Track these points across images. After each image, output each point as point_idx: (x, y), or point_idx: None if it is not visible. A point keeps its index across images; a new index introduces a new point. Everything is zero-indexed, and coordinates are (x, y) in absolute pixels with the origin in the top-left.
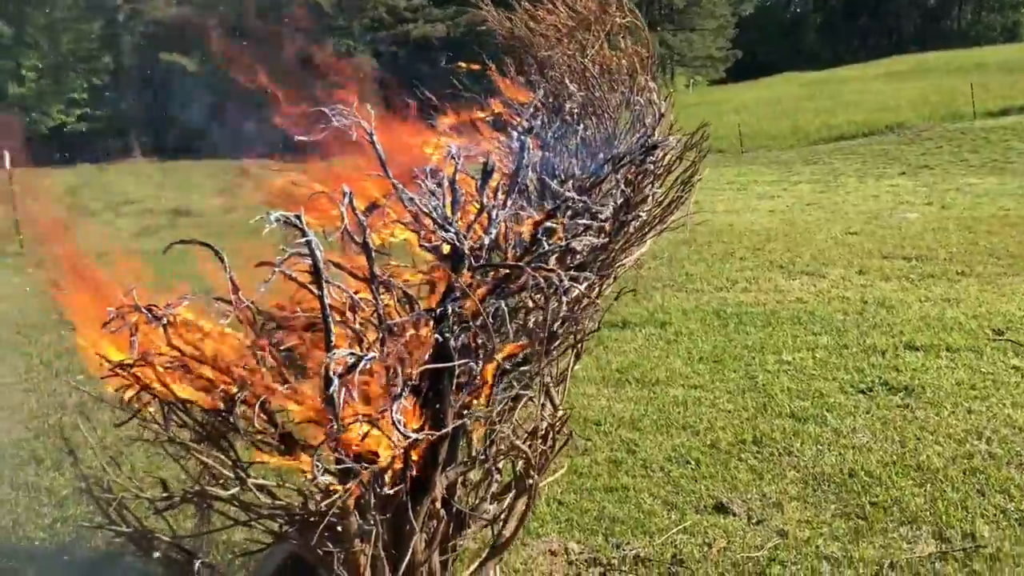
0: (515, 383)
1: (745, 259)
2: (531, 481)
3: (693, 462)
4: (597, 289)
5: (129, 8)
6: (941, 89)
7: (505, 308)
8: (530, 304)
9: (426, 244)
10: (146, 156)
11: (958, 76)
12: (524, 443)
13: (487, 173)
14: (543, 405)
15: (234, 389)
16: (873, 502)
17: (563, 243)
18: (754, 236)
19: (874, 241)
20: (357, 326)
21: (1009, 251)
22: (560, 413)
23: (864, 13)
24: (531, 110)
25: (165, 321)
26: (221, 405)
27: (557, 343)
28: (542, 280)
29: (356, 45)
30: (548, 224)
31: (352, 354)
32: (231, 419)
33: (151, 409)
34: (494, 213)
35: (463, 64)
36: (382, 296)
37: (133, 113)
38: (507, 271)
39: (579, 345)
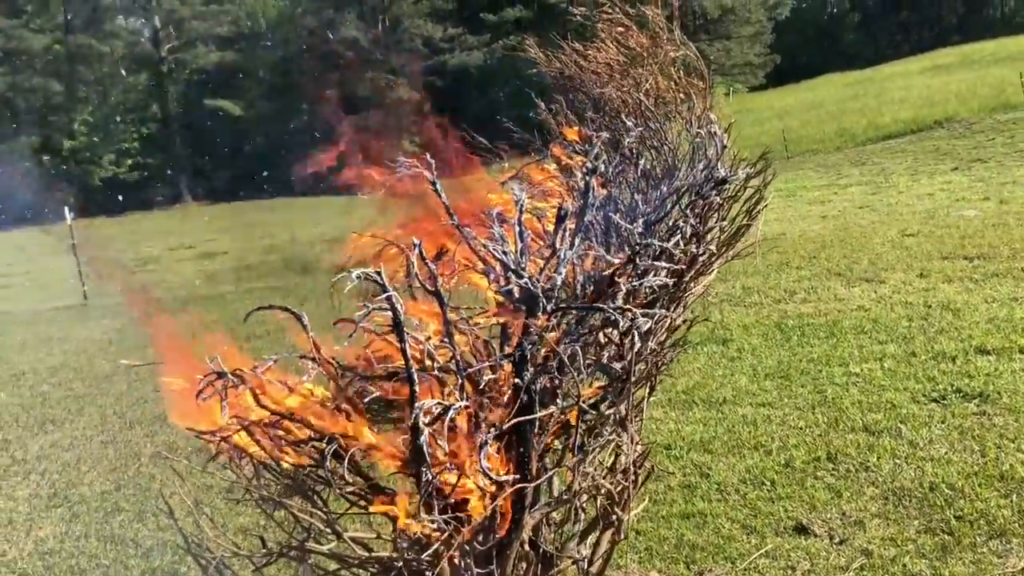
0: (595, 420)
1: (801, 268)
2: (616, 517)
3: (768, 483)
4: (670, 321)
5: (173, 58)
6: (988, 80)
7: (579, 350)
8: (602, 339)
9: (498, 289)
10: (196, 200)
11: (1005, 65)
12: (606, 479)
13: (561, 218)
14: (623, 440)
15: (323, 444)
16: (958, 516)
17: (637, 282)
18: (808, 244)
19: (933, 242)
20: (437, 373)
21: None
22: (639, 447)
23: (904, 7)
24: (595, 150)
25: (251, 385)
26: (311, 461)
27: (635, 379)
28: (619, 317)
29: (396, 78)
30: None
31: (439, 404)
32: (321, 473)
33: (241, 465)
34: (562, 254)
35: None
36: (457, 342)
37: (182, 159)
38: (582, 312)
39: (654, 378)
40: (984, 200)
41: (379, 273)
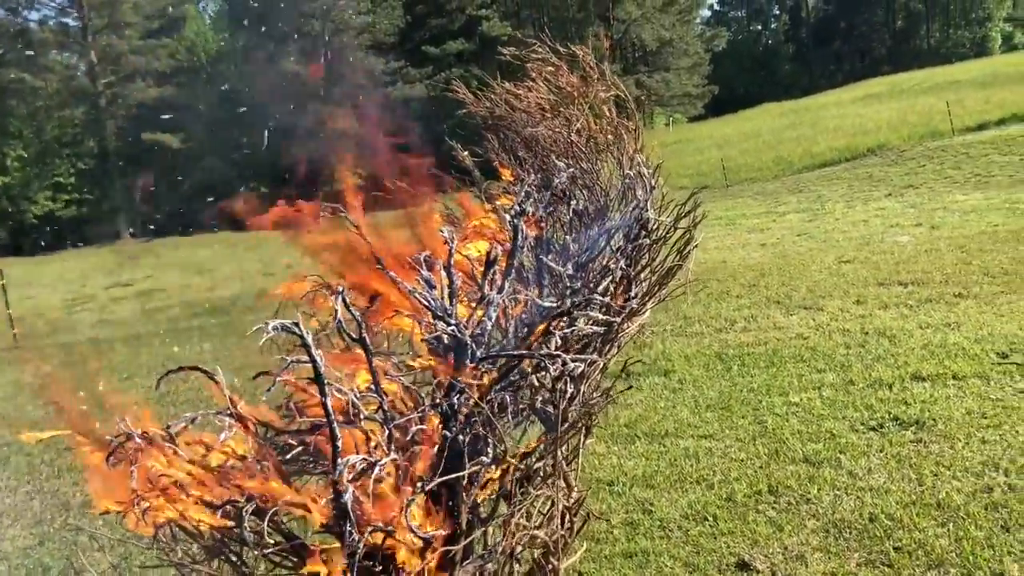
0: (528, 469)
1: (741, 297)
2: (552, 566)
3: (711, 518)
4: (603, 364)
5: (110, 93)
6: (918, 108)
7: (510, 398)
8: (536, 383)
9: (424, 338)
10: (135, 236)
11: (933, 94)
12: (541, 528)
13: (490, 263)
14: (558, 487)
15: (241, 502)
16: (897, 547)
17: (568, 329)
18: (748, 272)
19: (868, 268)
20: (362, 425)
21: (1003, 269)
22: (576, 494)
23: (836, 38)
24: (522, 193)
25: (165, 447)
26: (229, 521)
27: (568, 426)
28: (549, 365)
29: (338, 112)
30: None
31: (364, 460)
32: (241, 532)
33: (159, 527)
34: (492, 299)
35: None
36: (386, 390)
37: (120, 195)
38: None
39: (590, 421)
40: (916, 226)
41: (297, 325)
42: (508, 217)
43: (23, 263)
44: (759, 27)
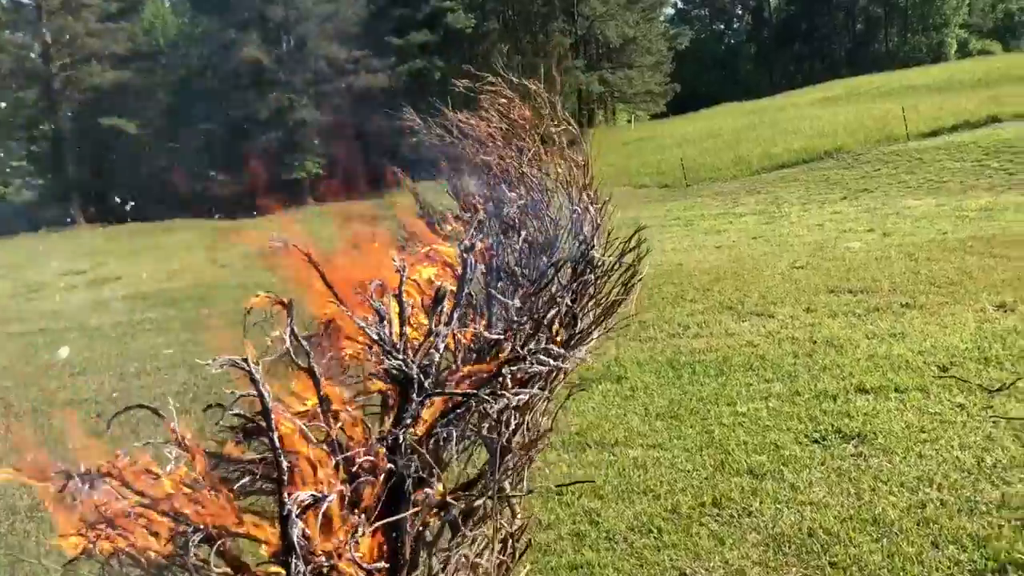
0: (473, 497)
1: (696, 301)
2: None
3: (655, 530)
4: (548, 392)
5: (65, 75)
6: (874, 113)
7: (455, 432)
8: (482, 411)
9: (370, 374)
10: (90, 222)
11: (890, 99)
12: (484, 555)
13: (438, 299)
14: (502, 514)
15: (188, 531)
16: (833, 562)
17: (515, 367)
18: (703, 276)
19: (820, 275)
20: (310, 456)
21: (949, 279)
22: (519, 520)
23: (796, 40)
24: (474, 224)
25: (109, 480)
26: (174, 549)
27: (511, 455)
28: (493, 402)
29: (299, 100)
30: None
31: (311, 495)
32: (186, 561)
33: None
34: (439, 333)
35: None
36: (334, 415)
37: (75, 179)
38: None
39: (534, 448)
40: (869, 231)
41: (246, 360)
42: (458, 251)
43: None
44: (722, 26)
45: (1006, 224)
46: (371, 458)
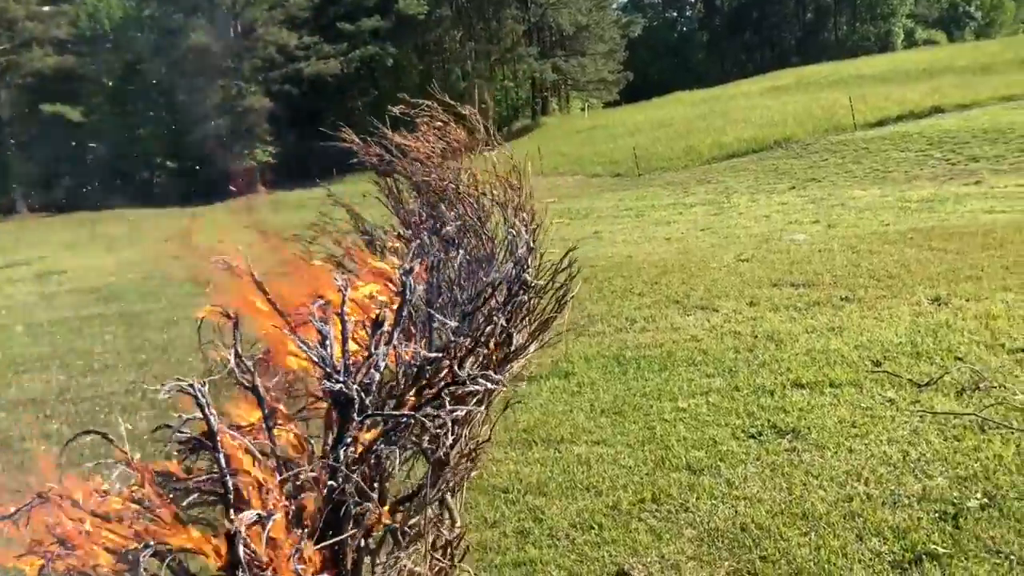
0: (413, 508)
1: (643, 295)
2: None
3: (596, 526)
4: (485, 408)
5: (5, 60)
6: (822, 102)
7: (396, 449)
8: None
9: (316, 394)
10: (33, 212)
11: (837, 88)
12: (425, 561)
13: (377, 324)
14: (443, 521)
15: (138, 547)
16: (763, 556)
17: (453, 388)
18: (651, 269)
19: (764, 267)
20: (256, 474)
21: (888, 272)
22: (458, 528)
23: (747, 28)
24: (414, 245)
25: (60, 500)
26: (126, 566)
27: (450, 466)
28: (430, 424)
29: (249, 87)
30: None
31: (257, 514)
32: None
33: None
34: (379, 356)
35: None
36: (280, 433)
37: (16, 167)
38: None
39: (473, 455)
40: (814, 223)
41: (191, 385)
42: (398, 273)
43: None
44: (674, 14)
45: (945, 216)
46: (313, 475)
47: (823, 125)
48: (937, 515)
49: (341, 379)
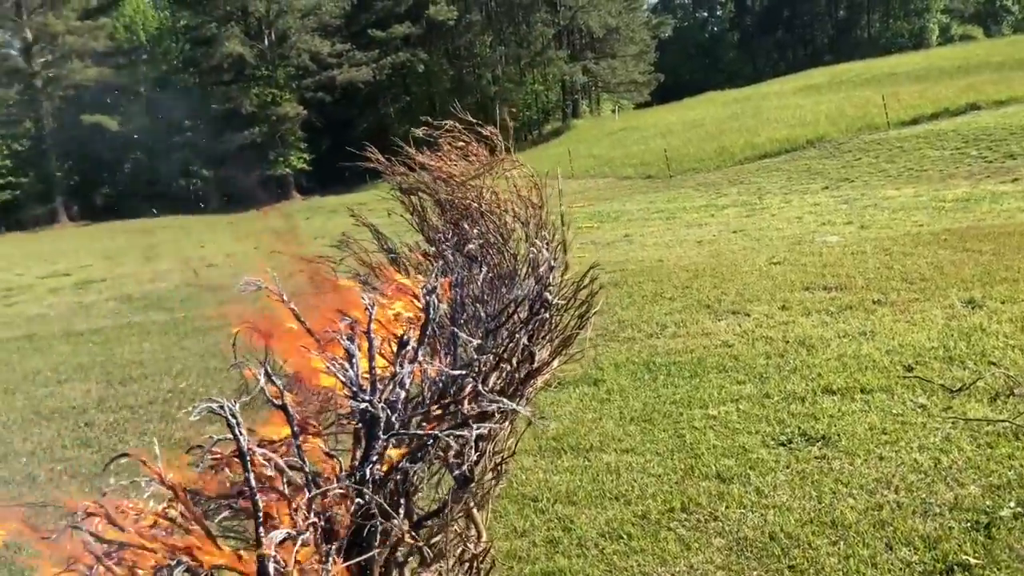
0: (439, 524)
1: (674, 299)
2: None
3: (625, 536)
4: (510, 419)
5: (47, 73)
6: (855, 101)
7: (421, 466)
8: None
9: (338, 416)
10: (73, 220)
11: (871, 87)
12: (452, 573)
13: (403, 344)
14: (469, 535)
15: (172, 563)
16: (791, 566)
17: (475, 406)
18: (682, 273)
19: (797, 271)
20: (286, 491)
21: (921, 274)
22: (484, 542)
23: (779, 27)
24: (439, 265)
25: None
26: None
27: (474, 482)
28: (453, 443)
29: (282, 94)
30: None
31: (287, 533)
32: None
33: None
34: (402, 377)
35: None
36: (311, 449)
37: (57, 177)
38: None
39: (500, 469)
40: (847, 224)
41: (222, 407)
42: (422, 292)
43: None
44: (705, 14)
45: (981, 216)
46: (341, 491)
47: (856, 124)
48: (969, 524)
49: (367, 398)
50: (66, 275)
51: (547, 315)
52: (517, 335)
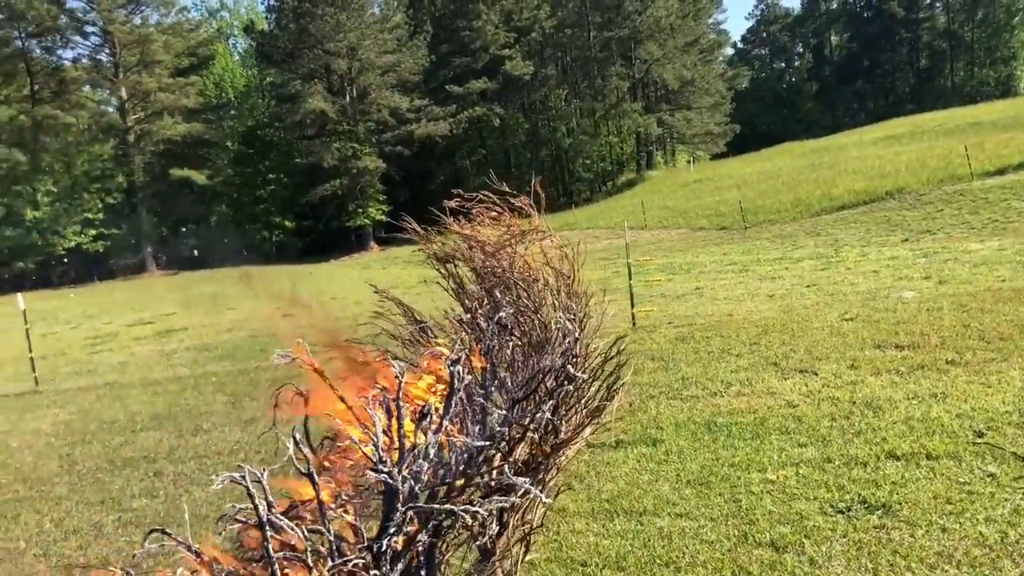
0: None
1: (741, 356)
2: None
3: None
4: (538, 490)
5: (139, 129)
6: (937, 151)
7: (441, 540)
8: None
9: (361, 486)
10: (160, 269)
11: (953, 136)
12: None
13: (423, 415)
14: None
15: None
16: None
17: (498, 478)
18: (752, 328)
19: (869, 328)
20: (308, 560)
21: (1000, 333)
22: None
23: (859, 77)
24: (467, 335)
25: None
26: None
27: (496, 555)
28: (470, 519)
29: (362, 148)
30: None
31: None
32: None
33: None
34: (428, 445)
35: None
36: (332, 520)
37: (146, 228)
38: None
39: (528, 539)
40: (925, 279)
41: (243, 476)
42: (447, 363)
43: (49, 297)
44: (782, 65)
45: None
46: (363, 561)
47: (939, 175)
48: None
49: (385, 470)
50: (150, 323)
51: (571, 387)
52: (543, 408)
